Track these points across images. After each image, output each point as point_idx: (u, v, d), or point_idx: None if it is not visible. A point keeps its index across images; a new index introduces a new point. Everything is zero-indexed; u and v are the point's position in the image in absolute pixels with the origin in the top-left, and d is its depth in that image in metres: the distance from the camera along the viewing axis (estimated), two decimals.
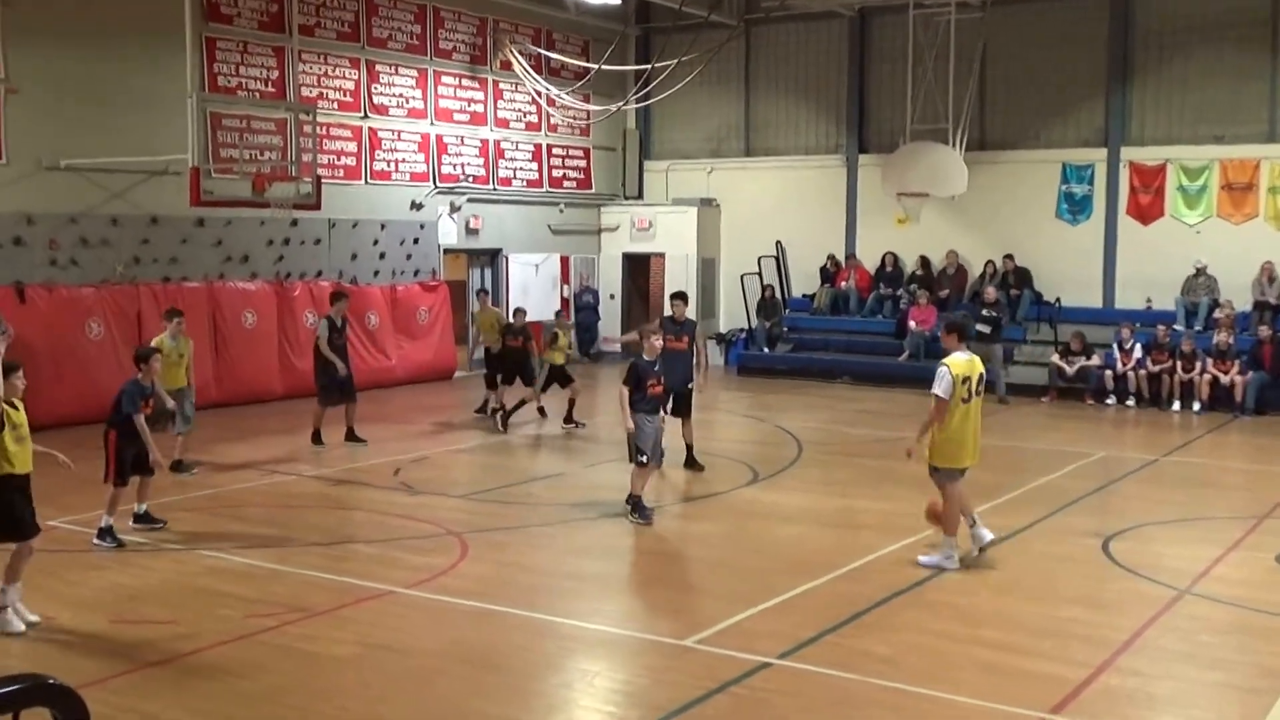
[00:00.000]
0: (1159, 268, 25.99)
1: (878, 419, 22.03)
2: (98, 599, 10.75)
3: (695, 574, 12.10)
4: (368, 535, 13.35)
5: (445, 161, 27.51)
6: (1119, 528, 13.69)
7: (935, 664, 9.25)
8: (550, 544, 13.21)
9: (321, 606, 10.55)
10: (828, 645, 9.62)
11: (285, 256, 24.12)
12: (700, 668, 9.12)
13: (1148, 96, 26.67)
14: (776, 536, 13.36)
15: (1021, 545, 12.98)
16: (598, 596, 11.37)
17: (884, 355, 27.22)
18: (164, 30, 20.89)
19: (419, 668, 9.17)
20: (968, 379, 11.96)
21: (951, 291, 27.64)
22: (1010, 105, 28.01)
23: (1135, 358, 23.76)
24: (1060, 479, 16.61)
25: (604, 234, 31.84)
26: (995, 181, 27.52)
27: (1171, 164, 26.25)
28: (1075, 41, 27.21)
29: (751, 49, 31.04)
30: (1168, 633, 10.06)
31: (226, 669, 9.09)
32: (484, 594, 10.96)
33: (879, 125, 29.53)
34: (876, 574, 11.73)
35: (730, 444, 19.42)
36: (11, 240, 20.03)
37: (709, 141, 31.80)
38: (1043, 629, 10.07)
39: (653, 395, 13.81)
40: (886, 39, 29.06)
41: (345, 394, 18.54)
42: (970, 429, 12.03)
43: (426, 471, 16.89)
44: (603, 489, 15.45)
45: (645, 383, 13.71)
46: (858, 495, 15.65)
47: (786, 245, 30.40)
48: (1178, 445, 19.82)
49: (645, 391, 13.70)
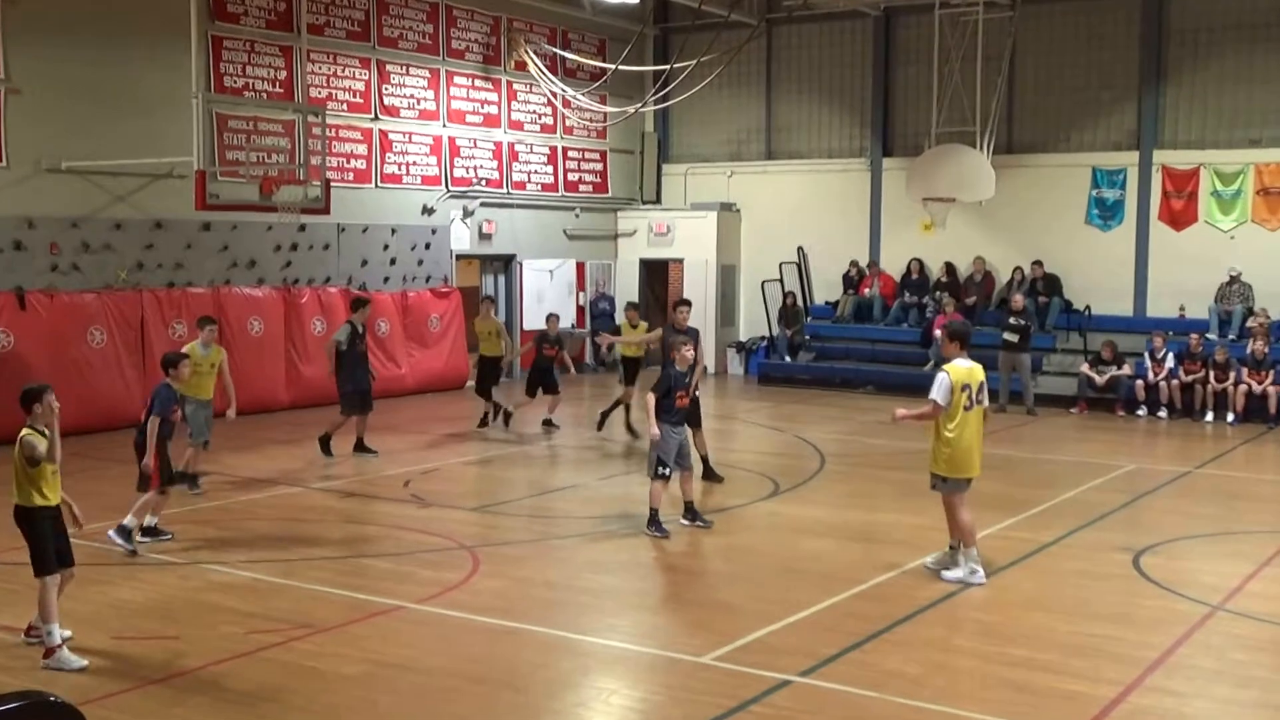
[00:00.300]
0: (1192, 275, 25.93)
1: (902, 431, 21.88)
2: (99, 614, 10.74)
3: (714, 589, 12.07)
4: (377, 549, 13.35)
5: (458, 164, 27.55)
6: (1150, 542, 13.64)
7: (962, 683, 9.23)
8: (565, 558, 13.19)
9: (329, 622, 10.54)
10: (851, 663, 9.59)
11: (293, 262, 24.17)
12: (720, 686, 9.10)
13: (1181, 98, 26.62)
14: (798, 551, 13.34)
15: (1050, 560, 12.95)
16: (614, 612, 11.35)
17: (909, 365, 27.18)
18: (169, 29, 20.95)
19: (430, 686, 9.16)
20: (967, 386, 11.98)
21: (978, 299, 27.60)
22: (1039, 107, 28.00)
23: (1167, 367, 23.69)
24: (1090, 492, 16.57)
25: (621, 239, 31.87)
26: (1024, 186, 27.50)
27: (1205, 168, 26.20)
28: (1106, 41, 27.20)
29: (773, 49, 31.07)
30: (1200, 650, 10.02)
31: (230, 687, 9.08)
32: (497, 610, 10.95)
33: (904, 128, 29.52)
34: (901, 590, 11.70)
35: (751, 455, 19.40)
36: (12, 245, 20.10)
37: (729, 144, 31.82)
38: (1072, 646, 10.03)
39: (679, 407, 13.83)
40: (912, 39, 29.08)
41: (365, 404, 18.57)
42: (973, 438, 12.00)
43: (437, 483, 16.91)
44: (618, 501, 15.44)
45: (674, 393, 13.73)
46: (881, 509, 15.63)
47: (808, 251, 30.41)
48: (1211, 457, 19.76)
49: (673, 401, 13.72)
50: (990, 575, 12.02)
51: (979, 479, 12.40)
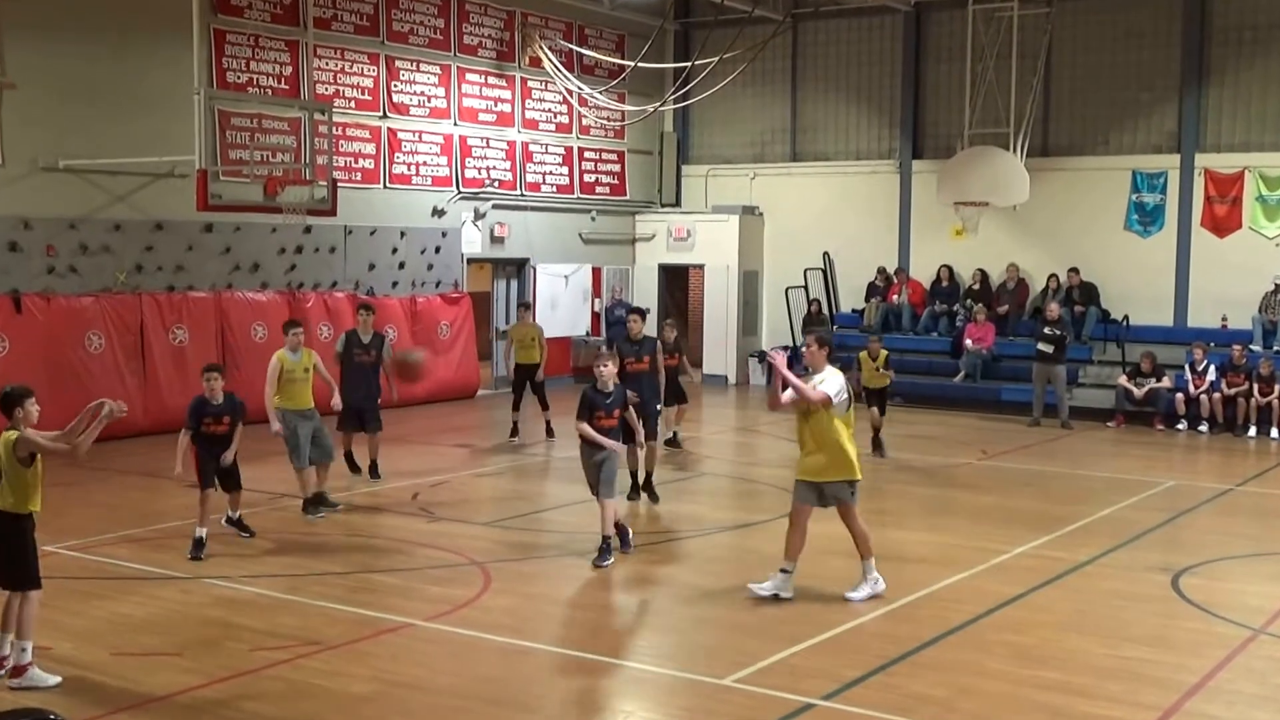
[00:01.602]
0: (1235, 283, 25.88)
1: (931, 444, 22.04)
2: (99, 629, 10.85)
3: (735, 608, 12.11)
4: (385, 564, 13.43)
5: (469, 165, 27.65)
6: (1190, 562, 13.67)
7: (993, 707, 9.27)
8: (578, 575, 13.25)
9: (336, 640, 10.63)
10: (877, 686, 9.66)
11: (298, 265, 24.27)
12: (740, 709, 9.17)
13: (1225, 99, 26.62)
14: (821, 569, 13.35)
15: (1086, 580, 12.99)
16: (630, 631, 11.43)
17: (938, 375, 27.24)
18: (170, 23, 20.97)
19: (441, 706, 9.24)
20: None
21: (1011, 308, 27.61)
22: (1076, 108, 28.01)
23: (1209, 380, 23.69)
24: (1127, 509, 16.59)
25: (639, 244, 31.94)
26: (1060, 190, 27.52)
27: (1250, 172, 26.17)
28: (1147, 40, 27.18)
29: (799, 46, 31.12)
30: (1242, 675, 10.05)
31: (234, 705, 9.17)
32: (509, 628, 11.04)
33: (935, 129, 29.55)
34: (929, 610, 11.76)
35: (772, 469, 19.45)
36: (7, 246, 20.22)
37: (752, 145, 31.87)
38: (1108, 670, 10.07)
39: (604, 428, 13.44)
40: (944, 36, 29.12)
41: (356, 422, 17.66)
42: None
43: (447, 496, 17.00)
44: (633, 517, 15.50)
45: (594, 415, 13.43)
46: (909, 526, 15.67)
47: (834, 257, 30.44)
48: (1254, 474, 19.75)
49: (595, 424, 13.41)
50: (1023, 595, 12.09)
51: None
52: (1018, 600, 12.07)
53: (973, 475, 19.35)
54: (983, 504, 16.93)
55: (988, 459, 20.64)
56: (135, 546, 13.83)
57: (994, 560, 13.60)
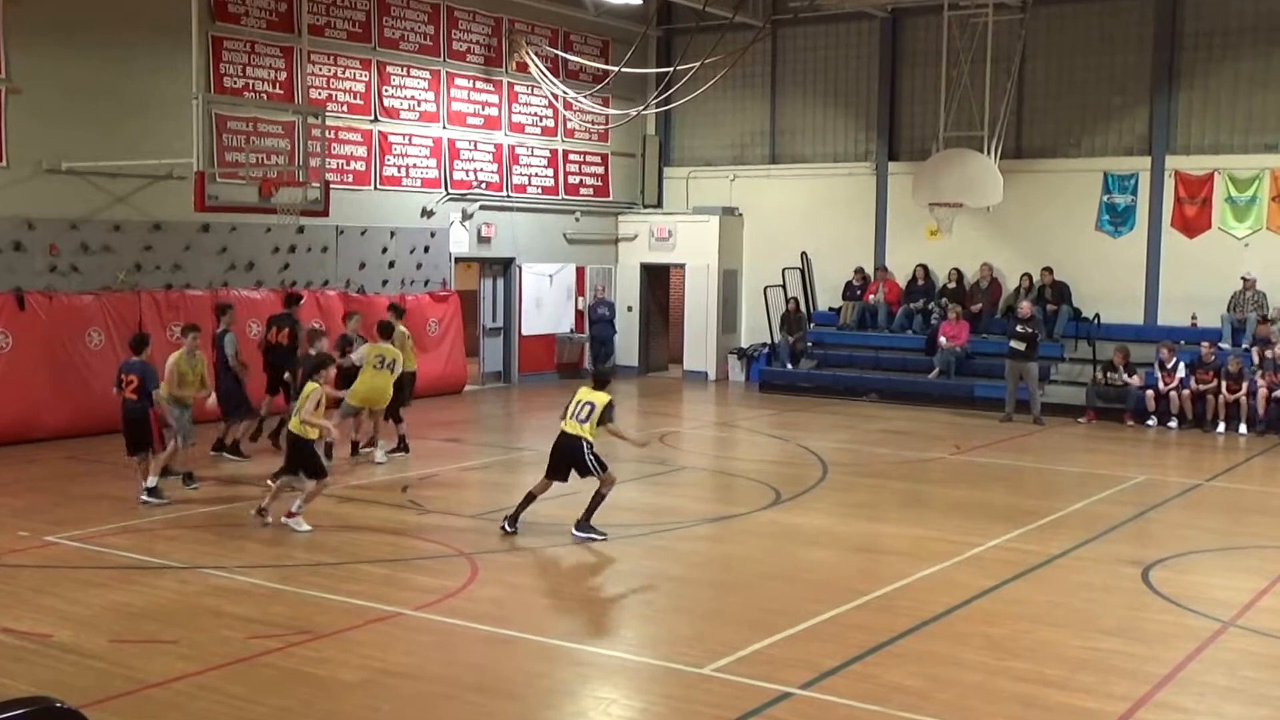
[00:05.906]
0: (1205, 283, 25.95)
1: (906, 439, 22.06)
2: (98, 617, 10.85)
3: (715, 599, 12.13)
4: (375, 555, 13.42)
5: (458, 167, 27.64)
6: (1160, 556, 13.70)
7: (966, 697, 9.28)
8: (563, 566, 13.30)
9: (327, 628, 10.64)
10: (853, 676, 9.67)
11: (291, 264, 24.26)
12: (719, 697, 9.18)
13: (1195, 102, 26.67)
14: (799, 561, 13.41)
15: (1058, 573, 13.01)
16: (613, 621, 11.44)
17: (913, 372, 27.28)
18: (169, 29, 21.01)
19: (428, 694, 9.25)
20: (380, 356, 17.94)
21: (985, 306, 27.66)
22: (1049, 111, 28.05)
23: (1178, 377, 23.73)
24: (1098, 504, 16.62)
25: (621, 244, 31.94)
26: (1033, 191, 27.55)
27: (1219, 174, 26.22)
28: (1119, 44, 27.23)
29: (778, 51, 31.14)
30: (1211, 667, 10.07)
31: (229, 691, 9.16)
32: (495, 617, 11.05)
33: (911, 132, 29.59)
34: (904, 602, 11.77)
35: (751, 464, 19.48)
36: (11, 245, 20.20)
37: (732, 148, 31.90)
38: (1080, 661, 10.10)
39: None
40: (919, 41, 29.14)
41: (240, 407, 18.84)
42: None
43: (436, 489, 17.00)
44: (618, 510, 15.44)
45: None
46: (884, 519, 15.69)
47: (812, 256, 30.48)
48: (1222, 469, 19.82)
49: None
50: (996, 588, 12.12)
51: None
52: (991, 592, 12.10)
53: (947, 470, 19.36)
54: (957, 498, 16.96)
55: (961, 454, 20.67)
56: (134, 537, 13.80)
57: (968, 553, 13.61)
